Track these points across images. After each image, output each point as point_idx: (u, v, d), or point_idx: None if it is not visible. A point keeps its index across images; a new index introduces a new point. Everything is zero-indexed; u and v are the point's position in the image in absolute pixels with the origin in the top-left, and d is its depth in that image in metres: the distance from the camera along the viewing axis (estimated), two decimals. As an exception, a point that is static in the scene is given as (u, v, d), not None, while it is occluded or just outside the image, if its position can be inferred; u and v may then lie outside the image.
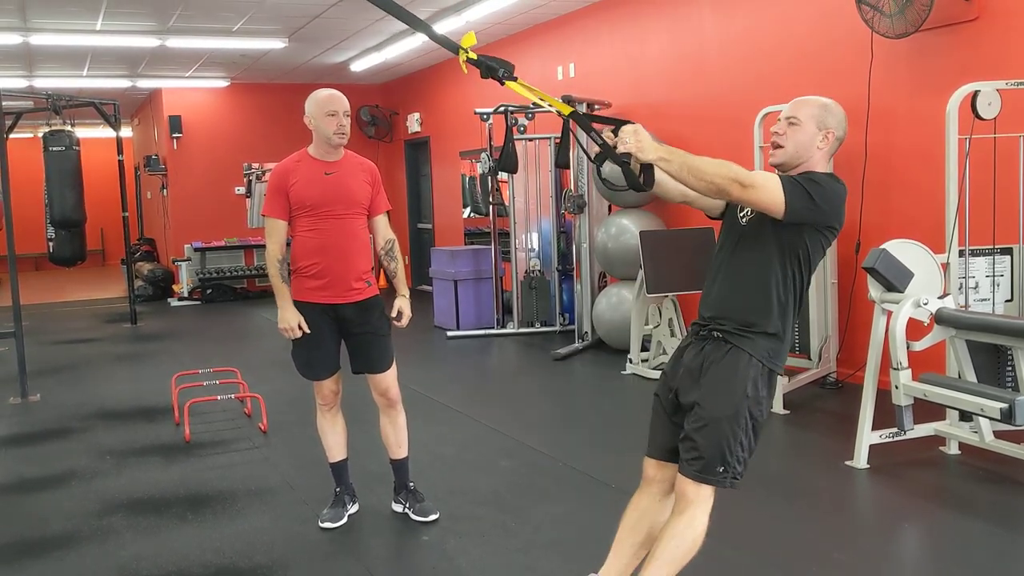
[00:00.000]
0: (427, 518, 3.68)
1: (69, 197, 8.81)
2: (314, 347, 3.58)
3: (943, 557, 3.37)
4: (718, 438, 2.42)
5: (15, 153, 7.66)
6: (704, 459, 2.42)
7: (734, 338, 2.45)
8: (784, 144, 2.50)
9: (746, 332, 2.44)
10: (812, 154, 2.49)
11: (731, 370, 2.43)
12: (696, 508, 2.45)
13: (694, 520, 2.45)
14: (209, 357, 7.41)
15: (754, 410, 2.45)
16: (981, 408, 3.65)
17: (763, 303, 2.44)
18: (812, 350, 5.63)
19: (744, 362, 2.43)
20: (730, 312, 2.48)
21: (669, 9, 7.34)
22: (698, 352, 2.52)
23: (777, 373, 2.50)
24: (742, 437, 2.44)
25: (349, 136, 3.55)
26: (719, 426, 2.42)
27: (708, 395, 2.45)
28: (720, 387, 2.44)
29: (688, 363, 2.53)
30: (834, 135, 2.51)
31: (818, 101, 2.53)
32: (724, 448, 2.42)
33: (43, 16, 8.08)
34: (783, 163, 2.52)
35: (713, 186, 2.28)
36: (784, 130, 2.50)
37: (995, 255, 4.53)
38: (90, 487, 4.31)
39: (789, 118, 2.50)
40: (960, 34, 5.10)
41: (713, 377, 2.45)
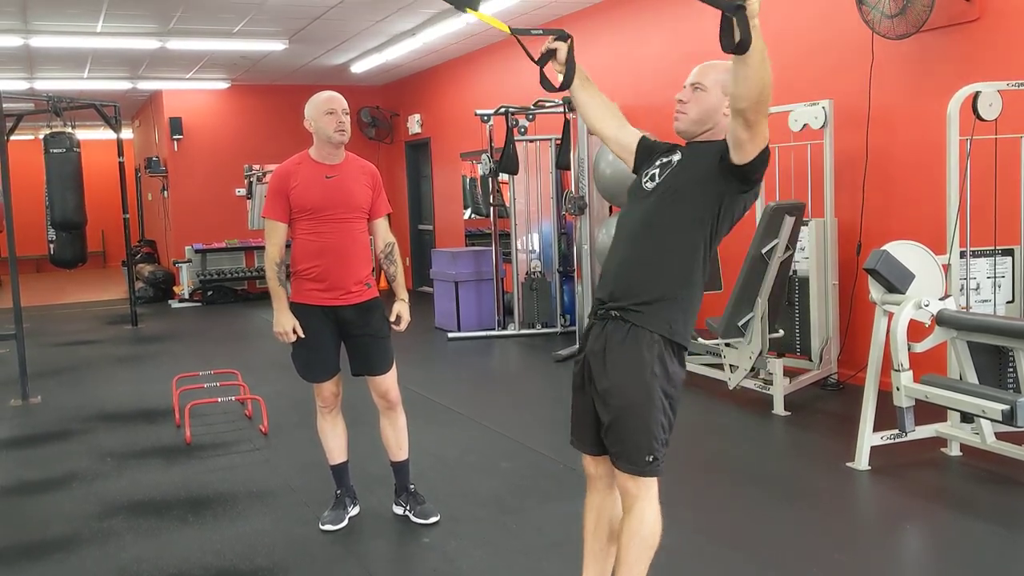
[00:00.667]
0: (428, 520, 3.67)
1: (70, 199, 8.81)
2: (314, 349, 3.58)
3: (944, 558, 3.36)
4: (637, 428, 2.35)
5: (16, 155, 7.66)
6: (630, 451, 2.37)
7: (632, 316, 2.36)
8: (687, 111, 2.41)
9: (644, 308, 2.36)
10: (718, 120, 2.39)
11: (635, 351, 2.35)
12: (642, 502, 2.41)
13: (644, 514, 2.41)
14: (210, 359, 7.41)
15: (667, 388, 2.37)
16: (982, 409, 3.64)
17: (663, 274, 2.36)
18: (813, 351, 5.62)
19: (647, 341, 2.35)
20: (629, 287, 2.39)
21: (669, 10, 7.33)
22: (599, 333, 2.44)
23: (684, 347, 2.41)
24: (661, 419, 2.36)
25: (350, 134, 3.55)
26: (635, 415, 2.35)
27: (616, 383, 2.38)
28: (627, 372, 2.36)
29: (591, 347, 2.46)
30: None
31: (724, 65, 2.34)
32: (646, 435, 2.35)
33: (44, 18, 8.08)
34: (686, 130, 2.43)
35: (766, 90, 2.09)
36: (689, 97, 2.41)
37: (996, 256, 4.52)
38: (91, 489, 4.31)
39: (694, 84, 2.40)
40: (961, 35, 5.10)
41: (618, 361, 2.38)
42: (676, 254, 2.37)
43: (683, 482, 4.22)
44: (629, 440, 2.37)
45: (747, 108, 2.13)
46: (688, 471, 4.41)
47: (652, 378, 2.34)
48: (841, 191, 5.78)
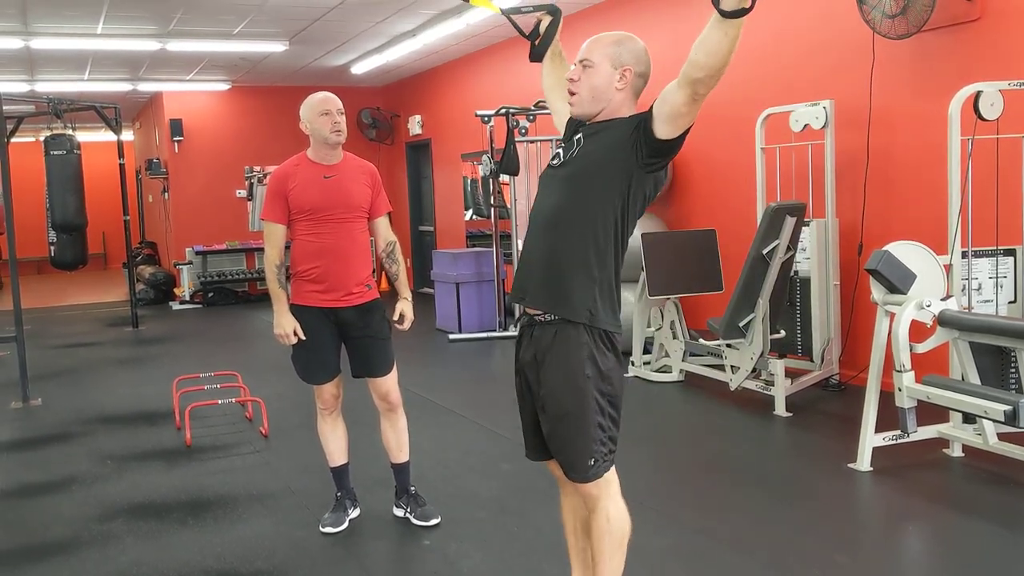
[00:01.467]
0: (428, 522, 3.66)
1: (70, 201, 8.81)
2: (314, 351, 3.57)
3: (947, 560, 3.35)
4: (575, 435, 2.32)
5: (16, 157, 7.66)
6: (572, 458, 2.34)
7: (551, 308, 2.30)
8: (578, 91, 2.30)
9: (561, 299, 2.28)
10: (612, 95, 2.29)
11: (564, 356, 2.29)
12: (603, 501, 2.40)
13: (608, 512, 2.40)
14: (210, 361, 7.41)
15: (602, 387, 2.30)
16: (985, 410, 3.63)
17: (576, 259, 2.27)
18: (814, 352, 5.61)
19: (574, 340, 2.28)
20: (544, 280, 2.32)
21: (669, 10, 7.33)
22: (528, 342, 2.41)
23: (613, 332, 2.31)
24: (598, 420, 2.31)
25: (346, 134, 3.53)
26: (572, 422, 2.31)
27: (550, 391, 2.34)
28: (559, 380, 2.31)
29: (524, 357, 2.45)
30: (632, 72, 2.29)
31: (611, 36, 2.31)
32: (584, 442, 2.31)
33: (44, 20, 8.08)
34: (582, 112, 2.33)
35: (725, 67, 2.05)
36: (578, 75, 2.29)
37: (998, 256, 4.51)
38: (91, 492, 4.30)
39: (582, 60, 2.29)
40: (962, 35, 5.09)
41: (549, 368, 2.33)
42: (587, 237, 2.27)
43: (684, 483, 4.22)
44: (570, 448, 2.35)
45: (703, 79, 2.03)
46: (689, 472, 4.40)
47: (585, 382, 2.29)
48: (842, 191, 5.77)
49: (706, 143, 7.00)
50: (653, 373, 6.22)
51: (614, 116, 2.32)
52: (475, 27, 8.93)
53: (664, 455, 4.70)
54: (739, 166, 6.53)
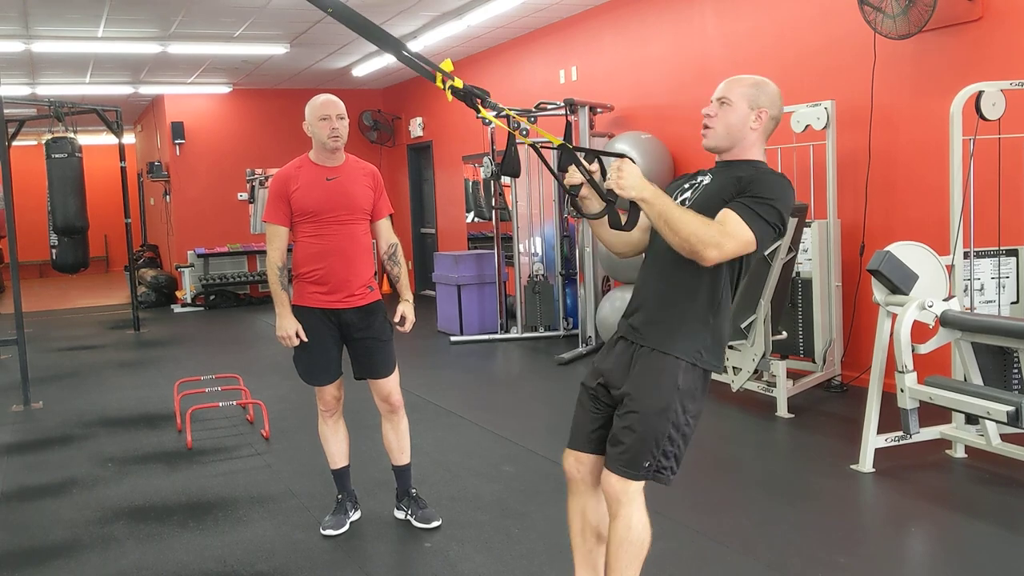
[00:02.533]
0: (429, 525, 3.66)
1: (72, 204, 8.82)
2: (316, 353, 3.56)
3: (949, 561, 3.34)
4: (646, 430, 2.32)
5: (18, 160, 7.68)
6: (630, 452, 2.33)
7: (662, 343, 2.36)
8: (714, 126, 2.39)
9: (675, 335, 2.35)
10: (745, 135, 2.38)
11: (659, 366, 2.35)
12: (628, 507, 2.36)
13: (631, 520, 2.36)
14: (212, 363, 7.40)
15: (687, 403, 2.35)
16: (987, 411, 3.62)
17: (693, 302, 2.34)
18: (816, 353, 5.60)
19: (672, 362, 2.34)
20: (659, 316, 2.39)
21: (671, 11, 7.32)
22: (627, 348, 2.44)
23: (710, 371, 2.39)
24: (671, 431, 2.33)
25: (345, 139, 3.53)
26: (648, 419, 2.32)
27: (637, 388, 2.36)
28: (649, 380, 2.35)
29: (618, 359, 2.45)
30: (767, 114, 2.39)
31: (750, 79, 2.41)
32: (652, 441, 2.32)
33: (45, 24, 8.08)
34: (715, 146, 2.42)
35: (686, 245, 2.19)
36: (715, 111, 2.39)
37: (1000, 257, 4.50)
38: (92, 495, 4.30)
39: (720, 98, 2.39)
40: (963, 34, 5.08)
41: (643, 370, 2.36)
42: (704, 281, 2.34)
43: (686, 484, 4.20)
44: (633, 443, 2.33)
45: (689, 253, 2.21)
46: (691, 473, 4.39)
47: (674, 390, 2.33)
48: (844, 192, 5.76)
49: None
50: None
51: (743, 157, 2.41)
52: (475, 29, 8.93)
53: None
54: (740, 167, 6.51)
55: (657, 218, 2.21)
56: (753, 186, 2.28)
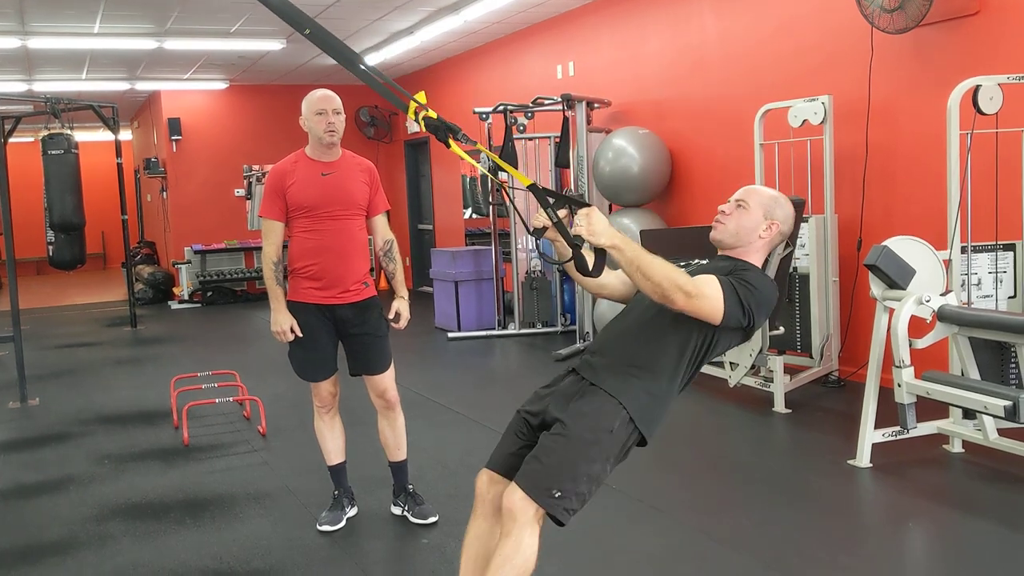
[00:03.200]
0: (426, 521, 3.65)
1: (68, 201, 8.79)
2: (311, 349, 3.56)
3: (947, 556, 3.34)
4: (567, 459, 2.26)
5: (14, 157, 7.66)
6: (543, 475, 2.25)
7: (615, 389, 2.33)
8: (726, 223, 2.51)
9: (627, 378, 2.34)
10: (752, 240, 2.49)
11: (602, 406, 2.32)
12: (523, 530, 2.25)
13: (521, 543, 2.24)
14: (209, 360, 7.40)
15: (611, 451, 2.30)
16: (985, 406, 3.62)
17: (656, 360, 2.36)
18: (814, 348, 5.60)
19: (616, 407, 2.31)
20: (620, 355, 2.39)
21: (669, 6, 7.31)
22: (576, 381, 2.42)
23: (641, 437, 2.35)
24: (589, 470, 2.27)
25: (341, 134, 3.52)
26: (572, 447, 2.26)
27: (573, 416, 2.31)
28: (587, 414, 2.31)
29: (563, 389, 2.43)
30: (778, 228, 2.51)
31: (771, 193, 2.54)
32: (569, 471, 2.25)
33: (41, 19, 8.06)
34: (721, 240, 2.52)
35: (658, 289, 2.22)
36: (731, 211, 2.51)
37: (998, 251, 4.49)
38: (88, 492, 4.29)
39: (738, 200, 2.51)
40: (961, 29, 5.07)
41: (583, 404, 2.33)
42: (671, 352, 2.37)
43: (683, 480, 4.20)
44: (550, 465, 2.26)
45: (660, 299, 2.25)
46: (688, 469, 4.39)
47: (607, 434, 2.29)
48: (841, 187, 5.75)
49: (705, 139, 6.98)
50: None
51: (744, 258, 2.50)
52: (472, 24, 8.91)
53: (663, 453, 4.68)
54: (738, 162, 6.51)
55: (629, 264, 2.24)
56: (743, 273, 2.40)
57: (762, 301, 2.37)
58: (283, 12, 2.31)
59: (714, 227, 2.54)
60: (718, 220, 2.53)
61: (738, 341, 2.48)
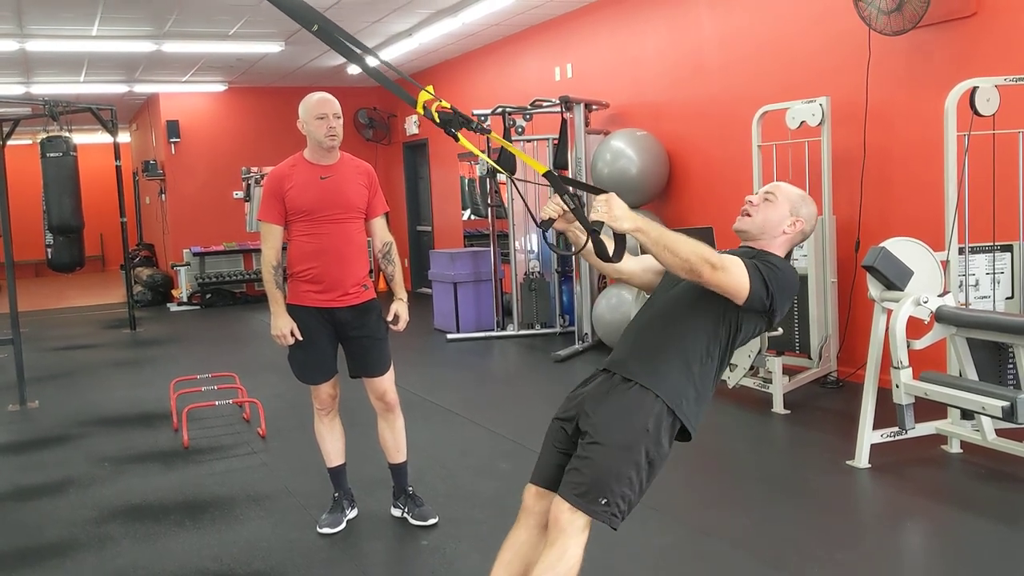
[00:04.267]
0: (426, 522, 3.66)
1: (67, 203, 8.80)
2: (311, 351, 3.56)
3: (945, 556, 3.35)
4: (607, 466, 2.25)
5: (12, 160, 7.67)
6: (586, 485, 2.25)
7: (648, 380, 2.33)
8: (753, 215, 2.51)
9: (659, 372, 2.33)
10: (776, 235, 2.49)
11: (636, 403, 2.30)
12: (569, 539, 2.25)
13: (566, 552, 2.25)
14: (208, 362, 7.40)
15: (651, 449, 2.28)
16: (982, 406, 3.63)
17: (684, 347, 2.35)
18: (812, 349, 5.60)
19: (650, 400, 2.30)
20: (648, 352, 2.37)
21: (667, 8, 7.32)
22: (606, 380, 2.41)
23: (684, 427, 2.35)
24: (632, 473, 2.26)
25: (341, 138, 3.52)
26: (610, 454, 2.25)
27: (605, 422, 2.30)
28: (620, 416, 2.30)
29: (593, 390, 2.41)
30: (801, 226, 2.51)
31: (799, 191, 2.55)
32: (611, 478, 2.24)
33: (39, 22, 8.06)
34: (746, 231, 2.52)
35: (687, 264, 2.22)
36: (759, 202, 2.52)
37: (995, 252, 4.51)
38: (87, 494, 4.29)
39: (767, 193, 2.52)
40: (958, 30, 5.09)
41: (615, 405, 2.32)
42: (699, 336, 2.36)
43: (683, 481, 4.21)
44: (592, 475, 2.26)
45: (689, 273, 2.25)
46: (688, 470, 4.39)
47: (643, 432, 2.28)
48: (839, 188, 5.76)
49: (703, 141, 6.99)
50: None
51: (767, 249, 2.50)
52: (470, 26, 8.92)
53: (662, 453, 4.69)
54: (736, 163, 6.53)
55: (655, 244, 2.23)
56: (766, 256, 2.41)
57: (784, 284, 2.36)
58: (291, 10, 2.32)
59: (741, 218, 2.53)
60: (745, 211, 2.52)
61: (762, 328, 2.46)
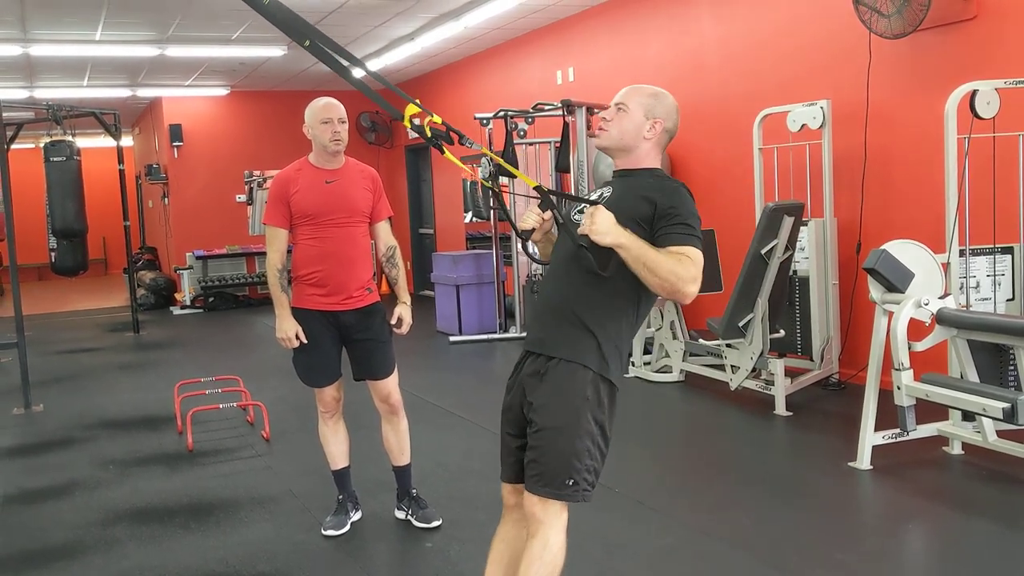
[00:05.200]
0: (430, 524, 3.68)
1: (70, 207, 8.82)
2: (315, 354, 3.58)
3: (947, 558, 3.36)
4: (560, 449, 2.26)
5: (16, 164, 7.68)
6: (548, 473, 2.27)
7: (567, 353, 2.31)
8: (608, 128, 2.42)
9: (577, 344, 2.31)
10: (639, 144, 2.41)
11: (567, 379, 2.30)
12: (548, 528, 2.29)
13: (548, 541, 2.29)
14: (211, 365, 7.41)
15: (596, 414, 2.30)
16: (984, 408, 3.64)
17: (595, 309, 2.32)
18: (814, 351, 5.62)
19: (580, 373, 2.30)
20: (560, 326, 2.34)
21: (668, 12, 7.34)
22: (532, 362, 2.40)
23: (615, 384, 2.34)
24: (587, 444, 2.28)
25: (346, 142, 3.55)
26: (560, 436, 2.27)
27: (545, 405, 2.30)
28: (556, 396, 2.30)
29: (525, 378, 2.41)
30: (662, 125, 2.42)
31: (649, 89, 2.46)
32: (570, 458, 2.26)
33: (43, 27, 8.09)
34: (608, 146, 2.45)
35: (666, 284, 2.20)
36: (612, 116, 2.43)
37: (996, 254, 4.52)
38: (93, 497, 4.31)
39: (618, 103, 2.43)
40: (958, 33, 5.10)
41: (548, 386, 2.32)
42: (606, 288, 2.31)
43: (685, 482, 4.23)
44: (550, 462, 2.28)
45: (667, 293, 2.24)
46: (690, 471, 4.41)
47: (583, 402, 2.28)
48: (840, 191, 5.78)
49: (704, 143, 7.01)
50: (653, 373, 6.23)
51: (639, 165, 2.44)
52: (472, 31, 8.94)
53: (664, 455, 4.71)
54: (737, 166, 6.54)
55: (635, 262, 2.20)
56: (675, 210, 2.30)
57: (698, 220, 2.34)
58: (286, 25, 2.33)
59: (597, 135, 2.46)
60: (600, 127, 2.44)
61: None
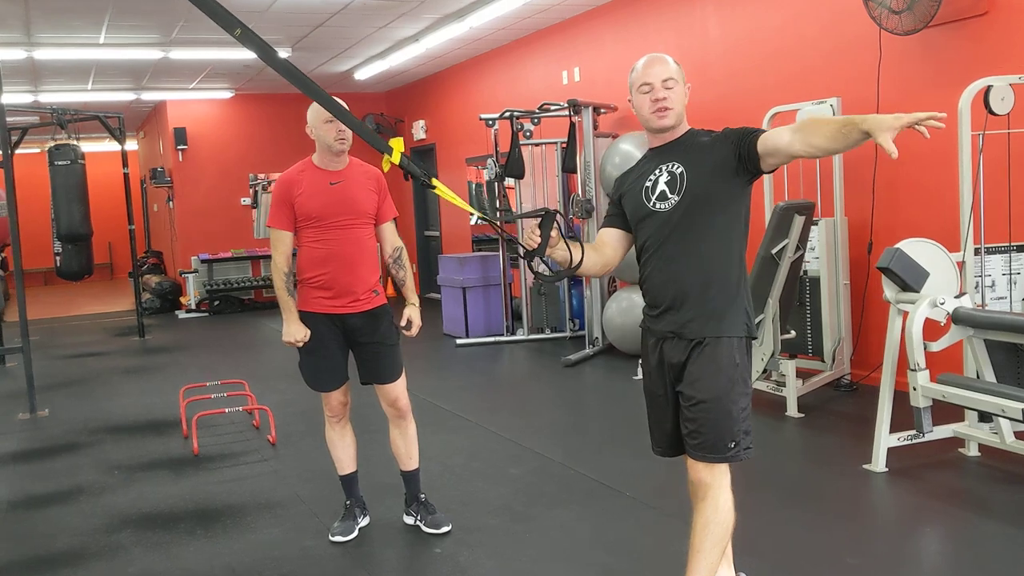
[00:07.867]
0: (439, 530, 3.63)
1: (75, 211, 8.82)
2: (322, 358, 3.54)
3: (963, 561, 3.30)
4: (720, 417, 2.46)
5: (21, 168, 7.66)
6: (710, 441, 2.46)
7: (716, 330, 2.49)
8: (672, 106, 2.53)
9: (719, 320, 2.49)
10: (683, 110, 2.57)
11: (716, 354, 2.48)
12: (716, 490, 2.48)
13: (718, 502, 2.48)
14: (217, 369, 7.39)
15: (744, 374, 2.50)
16: (1001, 409, 3.59)
17: (722, 282, 2.50)
18: (825, 352, 5.56)
19: (725, 344, 2.49)
20: (702, 306, 2.50)
21: (673, 11, 7.29)
22: (677, 343, 2.54)
23: (753, 336, 2.57)
24: (741, 403, 2.48)
25: (351, 142, 3.50)
26: (718, 406, 2.46)
27: (700, 378, 2.48)
28: (710, 371, 2.47)
29: (670, 356, 2.55)
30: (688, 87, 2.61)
31: (667, 57, 2.58)
32: (728, 423, 2.46)
33: (47, 31, 8.08)
34: (675, 124, 2.56)
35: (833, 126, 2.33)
36: (667, 94, 2.52)
37: (1012, 252, 4.46)
38: (98, 502, 4.27)
39: (665, 80, 2.52)
40: (970, 29, 5.04)
41: (702, 360, 2.48)
42: (723, 258, 2.50)
43: (697, 487, 4.17)
44: (713, 430, 2.45)
45: (814, 155, 2.37)
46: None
47: (733, 369, 2.47)
48: (851, 189, 5.72)
49: (712, 143, 6.95)
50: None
51: (684, 130, 2.59)
52: (477, 31, 8.91)
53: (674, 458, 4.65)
54: (746, 166, 6.48)
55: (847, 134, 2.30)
56: (735, 129, 2.51)
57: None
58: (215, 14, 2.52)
59: (663, 116, 2.53)
60: (665, 107, 2.52)
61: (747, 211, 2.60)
